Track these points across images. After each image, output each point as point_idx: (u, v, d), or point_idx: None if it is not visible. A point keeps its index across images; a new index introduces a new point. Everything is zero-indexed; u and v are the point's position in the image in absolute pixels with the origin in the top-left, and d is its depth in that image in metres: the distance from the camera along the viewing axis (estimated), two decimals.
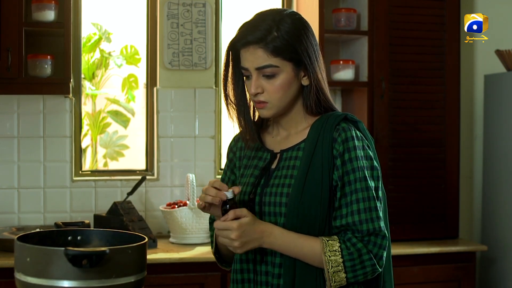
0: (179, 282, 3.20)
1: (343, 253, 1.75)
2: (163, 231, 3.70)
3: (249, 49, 1.81)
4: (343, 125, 1.83)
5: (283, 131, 1.92)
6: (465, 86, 3.99)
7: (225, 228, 1.74)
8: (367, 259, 1.76)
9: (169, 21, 3.70)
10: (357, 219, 1.77)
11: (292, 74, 1.82)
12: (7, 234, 3.28)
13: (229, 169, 2.01)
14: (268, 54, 1.79)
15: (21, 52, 3.25)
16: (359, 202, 1.78)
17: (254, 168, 1.91)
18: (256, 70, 1.81)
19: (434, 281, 3.52)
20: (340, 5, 3.89)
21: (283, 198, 1.81)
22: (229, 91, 1.91)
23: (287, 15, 1.83)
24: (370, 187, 1.79)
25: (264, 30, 1.79)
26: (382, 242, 1.78)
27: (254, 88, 1.82)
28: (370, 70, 3.59)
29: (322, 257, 1.76)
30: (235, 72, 1.89)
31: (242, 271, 1.88)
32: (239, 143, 2.00)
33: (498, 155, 3.86)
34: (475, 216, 4.10)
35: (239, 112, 1.91)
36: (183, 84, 3.73)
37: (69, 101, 3.60)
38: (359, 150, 1.81)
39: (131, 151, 4.24)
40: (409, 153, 3.63)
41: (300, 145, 1.86)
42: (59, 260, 1.56)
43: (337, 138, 1.81)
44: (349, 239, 1.77)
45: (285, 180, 1.83)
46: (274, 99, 1.82)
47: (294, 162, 1.85)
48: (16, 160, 3.56)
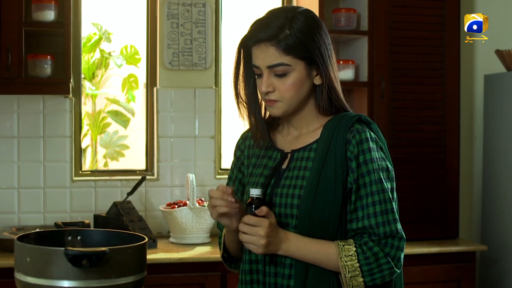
0: (179, 282, 3.20)
1: (359, 257, 1.73)
2: (163, 231, 3.70)
3: (261, 47, 1.77)
4: (357, 126, 1.80)
5: (294, 131, 1.89)
6: (465, 86, 3.99)
7: (256, 224, 1.71)
8: (384, 263, 1.74)
9: (169, 21, 3.70)
10: (373, 222, 1.75)
11: (304, 73, 1.79)
12: (7, 234, 3.28)
13: (236, 168, 1.99)
14: (280, 52, 1.76)
15: (21, 52, 3.25)
16: (375, 204, 1.75)
17: (263, 167, 1.88)
18: (267, 68, 1.78)
19: (434, 281, 3.52)
20: (340, 5, 3.89)
21: (295, 200, 1.78)
22: (240, 90, 1.88)
23: (300, 12, 1.80)
24: (386, 189, 1.77)
25: (277, 27, 1.76)
26: (399, 244, 1.76)
27: (265, 86, 1.79)
28: (370, 70, 3.59)
29: (338, 262, 1.74)
30: (246, 70, 1.86)
31: (251, 272, 1.85)
32: (247, 141, 1.97)
33: (498, 155, 3.86)
34: (475, 216, 4.10)
35: (250, 110, 1.88)
36: (183, 84, 3.73)
37: (69, 101, 3.60)
38: (373, 152, 1.78)
39: (131, 151, 4.24)
40: (409, 153, 3.63)
41: (312, 146, 1.84)
42: (59, 260, 1.56)
43: (351, 140, 1.78)
44: (365, 243, 1.75)
45: (296, 181, 1.80)
46: (285, 98, 1.79)
47: (306, 163, 1.82)
48: (16, 160, 3.56)
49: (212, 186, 3.70)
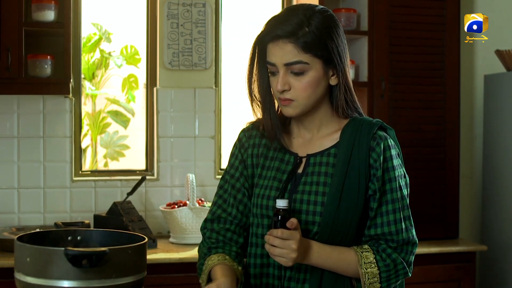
0: (179, 282, 3.20)
1: (379, 264, 1.74)
2: (163, 231, 3.70)
3: (278, 44, 1.72)
4: (380, 133, 1.79)
5: (305, 133, 1.85)
6: (465, 86, 3.99)
7: (289, 238, 1.66)
8: (401, 268, 1.77)
9: (169, 21, 3.70)
10: (393, 229, 1.75)
11: (322, 72, 1.74)
12: (7, 234, 3.28)
13: (241, 164, 1.90)
14: (298, 49, 1.71)
15: (21, 52, 3.25)
16: (396, 212, 1.76)
17: (276, 170, 1.83)
18: (284, 66, 1.73)
19: (434, 281, 3.52)
20: (340, 5, 3.89)
21: (318, 207, 1.75)
22: (254, 88, 1.82)
23: (318, 11, 1.76)
24: (405, 196, 1.78)
25: (295, 24, 1.71)
26: (413, 249, 1.80)
27: (281, 84, 1.73)
28: (370, 70, 3.59)
29: (357, 269, 1.74)
30: (261, 68, 1.79)
31: (261, 276, 1.82)
32: (252, 140, 1.90)
33: (498, 155, 3.86)
34: (475, 216, 4.10)
35: (264, 109, 1.81)
36: (183, 84, 3.73)
37: (69, 101, 3.60)
38: (395, 159, 1.79)
39: (131, 151, 4.24)
40: (409, 153, 3.63)
41: (330, 151, 1.80)
42: (59, 260, 1.56)
43: (375, 148, 1.76)
44: (383, 250, 1.76)
45: (317, 188, 1.76)
46: (301, 97, 1.74)
47: (326, 168, 1.78)
48: (16, 160, 3.56)
49: (212, 186, 3.71)
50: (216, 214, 1.90)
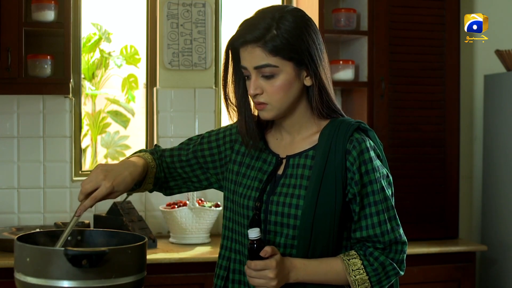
0: (179, 282, 3.20)
1: (367, 270, 1.73)
2: (163, 231, 3.70)
3: (247, 48, 1.72)
4: (357, 136, 1.76)
5: (286, 135, 1.84)
6: (465, 86, 3.99)
7: (264, 268, 1.66)
8: (390, 269, 1.76)
9: (169, 21, 3.70)
10: (378, 231, 1.74)
11: (293, 74, 1.72)
12: (7, 234, 3.28)
13: (216, 148, 1.93)
14: (266, 53, 1.69)
15: (21, 52, 3.25)
16: (379, 214, 1.74)
17: (258, 170, 1.83)
18: (254, 69, 1.72)
19: (434, 281, 3.52)
20: (340, 5, 3.89)
21: (292, 210, 1.73)
22: (229, 92, 1.82)
23: (288, 12, 1.74)
24: (388, 196, 1.76)
25: (263, 28, 1.70)
26: (402, 248, 1.77)
27: (253, 89, 1.72)
28: (370, 70, 3.59)
29: (346, 278, 1.73)
30: (236, 72, 1.80)
31: (246, 284, 1.82)
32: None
33: (498, 155, 3.86)
34: (475, 216, 4.10)
35: (240, 114, 1.81)
36: (183, 84, 3.73)
37: (69, 101, 3.60)
38: (374, 161, 1.76)
39: (131, 151, 4.24)
40: (409, 153, 3.63)
41: (308, 152, 1.78)
42: (58, 260, 1.56)
43: (351, 151, 1.74)
44: (371, 254, 1.75)
45: (294, 190, 1.75)
46: (274, 101, 1.73)
47: (303, 171, 1.77)
48: (16, 160, 3.56)
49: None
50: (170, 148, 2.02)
